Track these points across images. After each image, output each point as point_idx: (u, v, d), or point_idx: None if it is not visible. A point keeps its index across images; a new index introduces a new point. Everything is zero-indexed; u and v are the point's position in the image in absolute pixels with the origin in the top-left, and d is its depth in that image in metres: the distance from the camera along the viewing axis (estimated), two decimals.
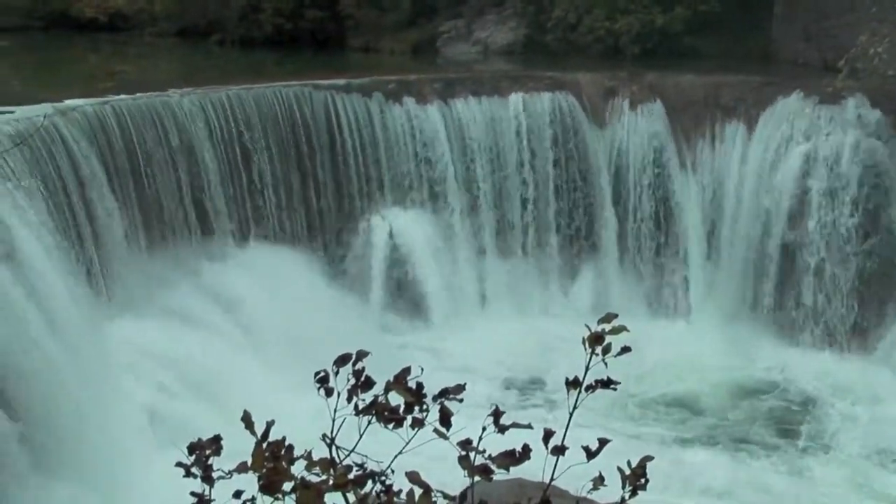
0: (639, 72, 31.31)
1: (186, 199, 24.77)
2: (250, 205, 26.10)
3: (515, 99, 29.03)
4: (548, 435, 4.04)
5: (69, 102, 23.43)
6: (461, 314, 27.78)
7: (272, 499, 4.03)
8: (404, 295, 27.53)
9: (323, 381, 4.09)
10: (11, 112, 20.17)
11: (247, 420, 4.03)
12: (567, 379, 4.11)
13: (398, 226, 27.79)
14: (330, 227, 27.59)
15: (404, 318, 27.11)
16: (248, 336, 23.27)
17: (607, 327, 4.04)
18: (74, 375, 18.47)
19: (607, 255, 29.23)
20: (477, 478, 4.13)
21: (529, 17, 40.53)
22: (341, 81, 28.56)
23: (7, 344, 17.24)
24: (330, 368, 4.09)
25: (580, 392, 4.06)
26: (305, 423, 6.40)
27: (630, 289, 28.91)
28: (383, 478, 4.09)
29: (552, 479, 4.06)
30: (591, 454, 4.04)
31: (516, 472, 4.22)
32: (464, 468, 4.15)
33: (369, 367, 4.22)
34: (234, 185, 25.75)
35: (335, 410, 4.00)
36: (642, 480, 3.95)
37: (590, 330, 4.05)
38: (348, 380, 4.06)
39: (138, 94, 25.52)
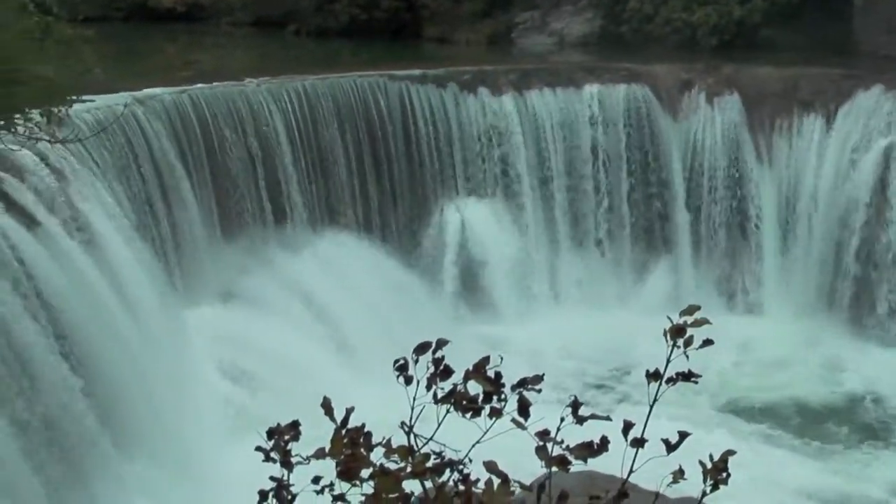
0: (715, 64, 30.99)
1: (262, 188, 24.97)
2: (325, 194, 26.24)
3: (590, 90, 28.90)
4: (627, 427, 4.00)
5: (148, 91, 23.72)
6: (533, 306, 27.73)
7: (350, 485, 4.04)
8: (476, 286, 27.52)
9: (402, 368, 4.09)
10: (92, 101, 20.42)
11: (326, 406, 4.05)
12: (647, 371, 4.07)
13: (471, 216, 27.79)
14: (403, 218, 27.67)
15: (476, 309, 27.10)
16: (321, 324, 23.43)
17: (689, 319, 3.99)
18: (152, 361, 18.73)
19: (680, 249, 29.00)
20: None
21: (605, 8, 40.27)
22: (416, 72, 28.60)
23: (88, 329, 17.51)
24: (409, 357, 4.09)
25: (660, 384, 4.01)
26: (380, 411, 6.42)
27: (703, 282, 28.67)
28: (461, 466, 4.09)
29: (631, 472, 4.03)
30: (670, 447, 4.00)
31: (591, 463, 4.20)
32: (541, 459, 4.13)
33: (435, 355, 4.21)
34: (308, 174, 25.90)
35: (414, 398, 4.00)
36: (724, 475, 3.90)
37: (671, 322, 4.01)
38: (428, 368, 4.06)
39: (215, 84, 25.78)
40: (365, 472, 4.02)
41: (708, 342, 4.04)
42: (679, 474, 3.89)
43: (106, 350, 17.85)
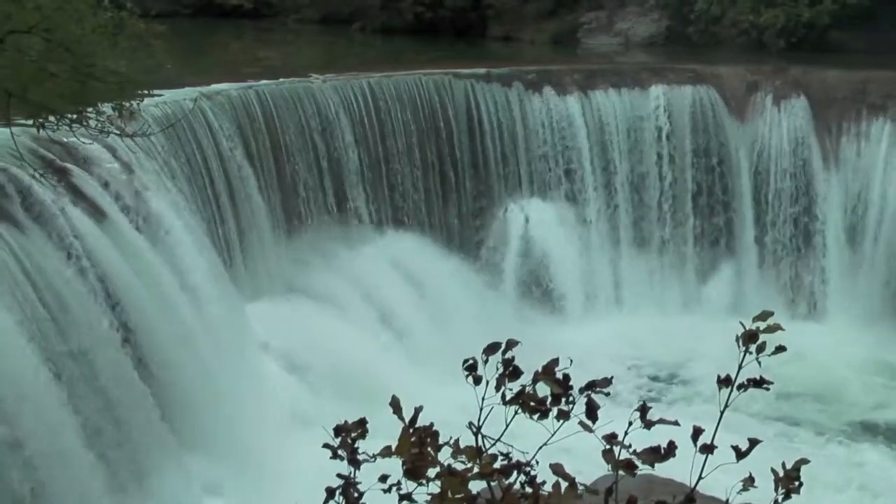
0: (783, 66, 30.69)
1: (326, 184, 25.08)
2: (388, 191, 26.31)
3: (656, 91, 28.74)
4: (697, 433, 3.97)
5: (215, 87, 23.92)
6: (596, 307, 27.63)
7: (416, 484, 4.04)
8: (539, 286, 27.47)
9: (471, 368, 4.08)
10: (160, 95, 20.61)
11: (395, 405, 4.05)
12: (718, 377, 4.03)
13: (535, 216, 27.73)
14: (467, 216, 27.67)
15: (538, 309, 27.04)
16: (383, 321, 23.50)
17: (762, 325, 3.95)
18: (214, 354, 18.88)
19: (745, 253, 28.75)
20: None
21: (672, 8, 40.05)
22: (481, 70, 28.60)
23: (151, 320, 17.70)
24: (479, 357, 4.08)
25: (732, 390, 3.97)
26: (440, 409, 6.42)
27: (768, 287, 28.40)
28: (528, 468, 4.08)
29: (700, 478, 4.00)
30: (740, 454, 3.96)
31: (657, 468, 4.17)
32: (608, 462, 4.11)
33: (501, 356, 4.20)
34: (372, 170, 25.98)
35: (483, 399, 4.00)
36: (796, 483, 3.85)
37: (744, 327, 3.97)
38: (497, 368, 4.05)
39: (281, 80, 25.93)
40: (431, 472, 4.03)
41: (781, 349, 4.00)
42: (749, 482, 3.86)
43: (169, 342, 18.03)
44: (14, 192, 16.38)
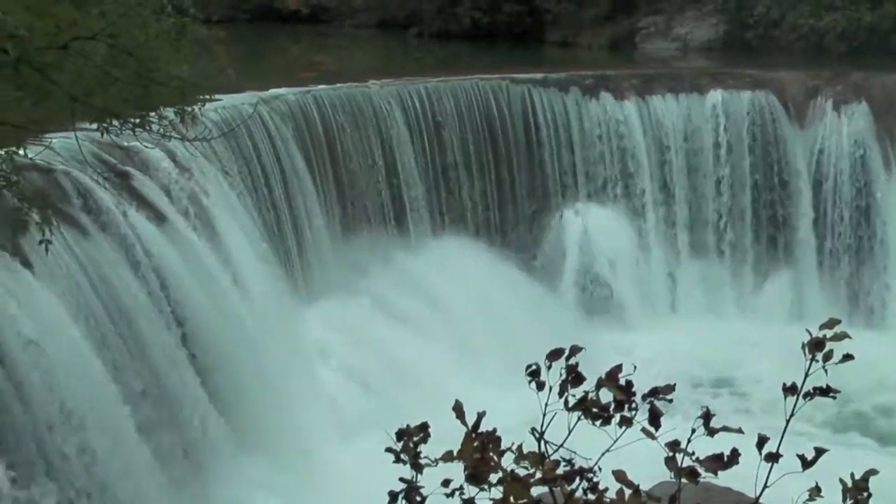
0: (844, 71, 30.37)
1: (383, 189, 25.17)
2: (445, 195, 26.35)
3: (714, 96, 28.54)
4: (762, 441, 3.94)
5: (273, 91, 24.08)
6: (653, 312, 27.47)
7: (478, 489, 4.04)
8: (596, 291, 27.37)
9: (534, 374, 4.08)
10: (219, 100, 20.78)
11: (458, 410, 4.05)
12: (784, 385, 3.99)
13: (592, 221, 27.63)
14: (524, 221, 27.65)
15: (595, 315, 26.91)
16: (439, 325, 23.52)
17: (828, 333, 3.91)
18: (270, 356, 19.01)
19: (804, 259, 28.47)
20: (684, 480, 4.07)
21: (730, 13, 39.79)
22: (538, 75, 28.56)
23: (209, 322, 17.87)
24: (542, 362, 4.08)
25: (798, 399, 3.94)
26: (498, 414, 6.41)
27: (826, 294, 28.10)
28: (590, 475, 4.06)
29: (765, 487, 3.97)
30: (806, 463, 3.93)
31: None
32: (670, 469, 4.09)
33: (561, 361, 4.19)
34: (429, 175, 26.04)
35: (546, 404, 3.99)
36: (865, 494, 3.81)
37: (810, 334, 3.93)
38: (561, 374, 4.04)
39: (338, 84, 26.06)
40: (493, 477, 4.03)
41: (848, 357, 3.96)
42: (815, 492, 3.82)
43: (226, 344, 18.18)
44: (76, 195, 16.61)
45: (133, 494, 14.97)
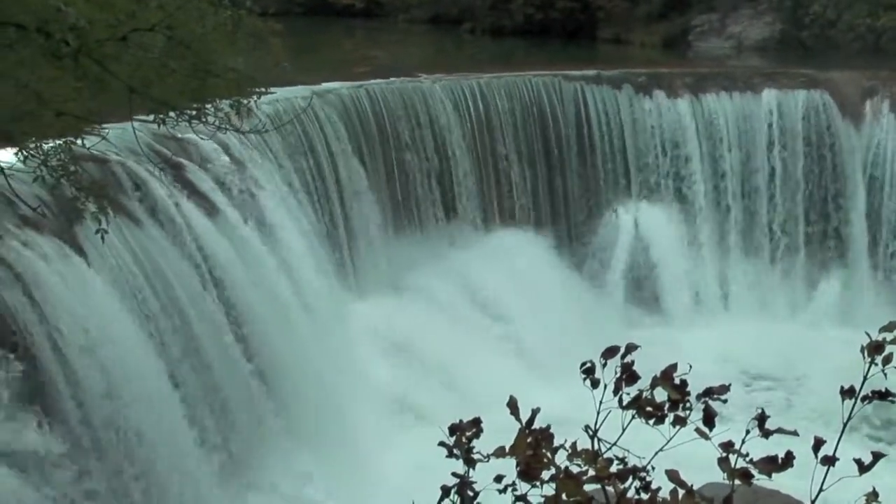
0: None
1: (434, 184, 25.21)
2: (496, 192, 26.34)
3: (768, 96, 28.30)
4: (818, 443, 3.90)
5: (326, 85, 24.17)
6: (702, 312, 27.31)
7: (530, 485, 4.04)
8: (646, 289, 27.25)
9: (589, 371, 4.07)
10: (272, 93, 20.84)
11: (512, 406, 4.04)
12: (842, 388, 3.95)
13: (643, 219, 27.52)
14: (575, 218, 27.58)
15: (644, 313, 26.81)
16: (490, 321, 23.56)
17: (889, 336, 3.87)
18: (321, 349, 19.09)
19: (857, 262, 28.17)
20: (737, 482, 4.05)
21: (786, 12, 39.44)
22: (591, 72, 28.47)
23: (261, 314, 17.97)
24: (597, 360, 4.06)
25: (855, 402, 3.90)
26: (548, 410, 6.40)
27: (880, 297, 27.77)
28: (643, 474, 4.05)
29: (821, 490, 3.93)
30: (863, 467, 3.88)
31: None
32: (724, 471, 4.07)
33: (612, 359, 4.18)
34: (481, 171, 26.04)
35: (600, 402, 3.98)
36: None
37: (869, 337, 3.89)
38: (616, 371, 4.03)
39: (391, 79, 26.11)
40: (545, 474, 4.02)
41: None
42: (873, 496, 3.78)
43: (277, 336, 18.28)
44: (131, 186, 16.76)
45: (181, 481, 15.10)
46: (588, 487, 3.98)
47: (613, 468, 3.97)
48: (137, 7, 8.68)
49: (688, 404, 4.13)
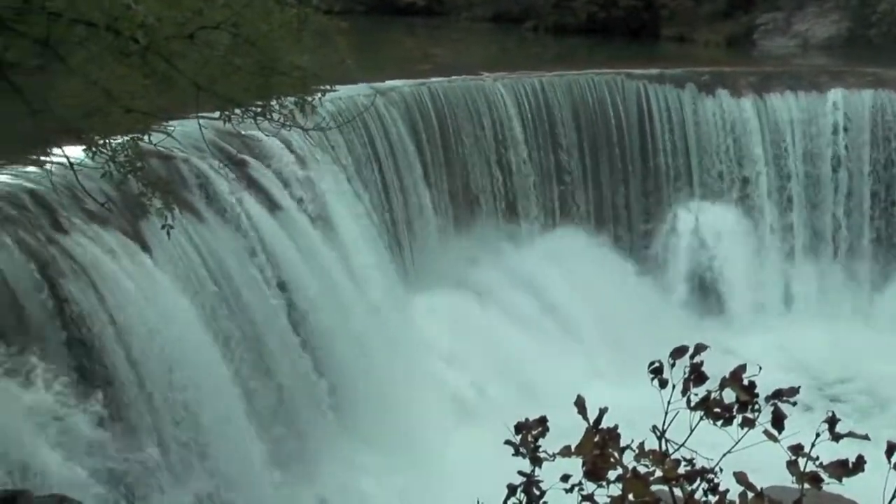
0: None
1: (495, 182, 25.18)
2: (557, 190, 26.27)
3: (834, 95, 27.96)
4: (891, 449, 3.85)
5: (388, 83, 24.22)
6: (765, 314, 27.04)
7: (596, 485, 4.02)
8: (707, 290, 27.04)
9: (657, 371, 4.04)
10: (335, 90, 20.90)
11: (580, 405, 4.03)
12: None
13: (705, 220, 27.30)
14: (635, 218, 27.43)
15: (705, 314, 26.60)
16: (549, 319, 23.52)
17: None
18: (381, 345, 19.15)
19: None
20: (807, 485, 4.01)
21: (853, 10, 38.96)
22: (654, 71, 28.31)
23: (321, 309, 18.05)
24: (666, 360, 4.03)
25: None
26: (613, 411, 6.36)
27: None
28: (711, 476, 4.02)
29: (894, 497, 3.87)
30: None
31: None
32: (792, 474, 4.03)
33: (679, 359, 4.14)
34: (542, 169, 25.98)
35: (668, 403, 3.95)
36: None
37: None
38: (684, 373, 4.00)
39: (453, 77, 26.12)
40: (612, 474, 4.00)
41: None
42: None
43: (336, 331, 18.36)
44: (195, 182, 16.91)
45: (243, 476, 15.21)
46: (655, 488, 3.96)
47: (681, 469, 3.94)
48: (204, 5, 8.73)
49: (756, 406, 4.09)
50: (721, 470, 4.06)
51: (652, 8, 43.13)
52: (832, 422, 4.03)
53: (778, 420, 4.05)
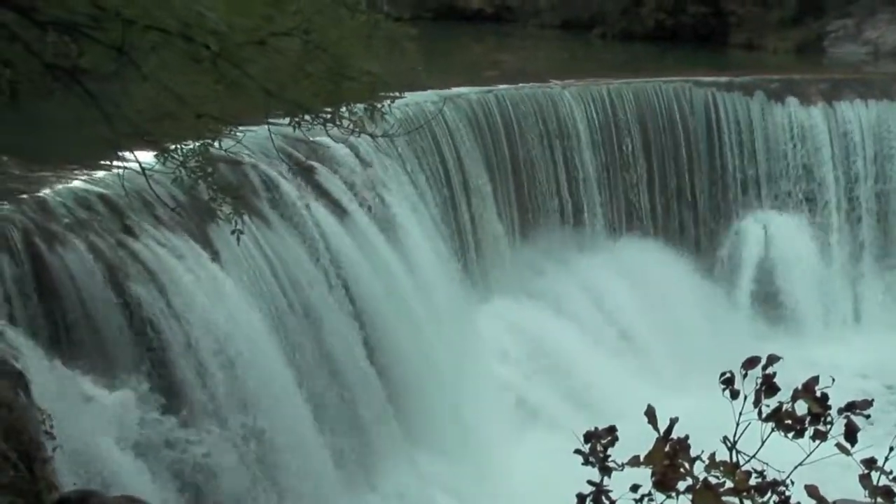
0: None
1: (562, 190, 25.10)
2: (624, 198, 26.13)
3: None
4: None
5: (455, 90, 24.24)
6: (834, 325, 26.70)
7: (665, 496, 4.00)
8: (775, 301, 26.73)
9: (728, 382, 4.01)
10: (402, 97, 20.97)
11: (650, 415, 4.01)
12: None
13: (773, 229, 27.02)
14: (703, 226, 27.20)
15: (773, 325, 26.29)
16: (615, 328, 23.37)
17: None
18: (444, 352, 19.14)
19: None
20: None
21: None
22: (723, 79, 28.10)
23: (386, 315, 18.10)
24: (737, 371, 4.01)
25: None
26: (680, 422, 6.32)
27: None
28: (782, 488, 3.98)
29: None
30: None
31: None
32: (865, 488, 3.98)
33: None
34: (609, 177, 25.86)
35: (740, 414, 3.92)
36: None
37: None
38: (756, 384, 3.97)
39: (520, 84, 26.09)
40: (681, 484, 3.97)
41: None
42: None
43: (402, 338, 18.39)
44: (262, 187, 17.04)
45: (308, 482, 15.27)
46: (725, 500, 3.93)
47: (752, 481, 3.91)
48: (275, 11, 8.80)
49: (828, 418, 4.05)
50: (792, 482, 4.03)
51: (720, 14, 42.84)
52: None
53: (851, 433, 4.01)
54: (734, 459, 3.97)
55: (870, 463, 3.95)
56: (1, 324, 11.76)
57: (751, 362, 4.00)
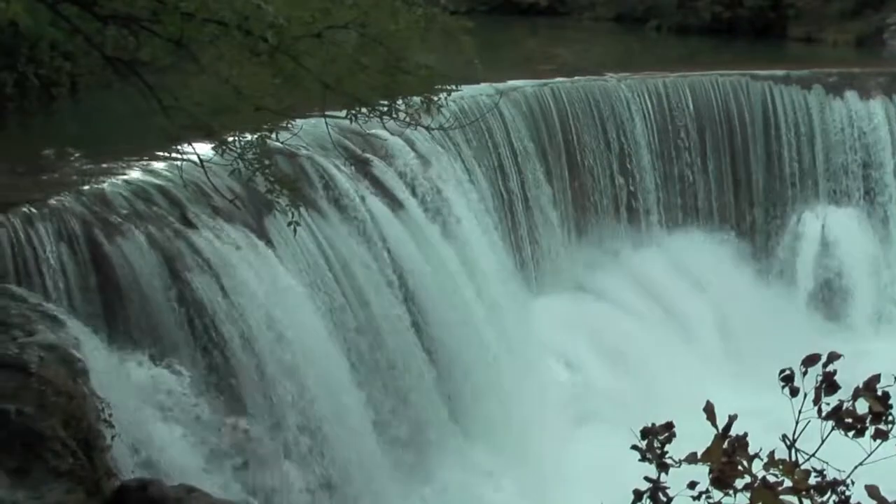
0: None
1: (617, 183, 24.97)
2: (680, 192, 25.93)
3: None
4: None
5: (510, 83, 24.19)
6: (892, 322, 26.36)
7: (723, 493, 3.97)
8: (833, 295, 26.41)
9: (787, 379, 3.97)
10: (458, 90, 20.96)
11: (709, 411, 3.98)
12: None
13: (831, 224, 26.68)
14: (759, 221, 26.91)
15: (831, 319, 25.99)
16: (670, 322, 23.22)
17: None
18: (498, 346, 19.12)
19: None
20: None
21: None
22: (780, 72, 27.77)
23: (441, 308, 18.13)
24: (797, 367, 3.96)
25: None
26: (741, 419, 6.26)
27: None
28: (842, 488, 3.94)
29: None
30: None
31: None
32: None
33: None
34: (664, 171, 25.68)
35: (800, 412, 3.88)
36: None
37: None
38: (816, 381, 3.93)
39: (576, 77, 25.98)
40: (739, 482, 3.94)
41: None
42: None
43: (455, 331, 18.38)
44: (318, 179, 17.12)
45: (362, 476, 15.32)
46: (784, 498, 3.89)
47: (811, 480, 3.87)
48: (332, 5, 8.84)
49: (890, 417, 4.00)
50: (853, 482, 3.98)
51: (778, 7, 42.43)
52: None
53: None
54: (793, 458, 3.93)
55: None
56: (61, 314, 11.89)
57: (810, 359, 3.96)
